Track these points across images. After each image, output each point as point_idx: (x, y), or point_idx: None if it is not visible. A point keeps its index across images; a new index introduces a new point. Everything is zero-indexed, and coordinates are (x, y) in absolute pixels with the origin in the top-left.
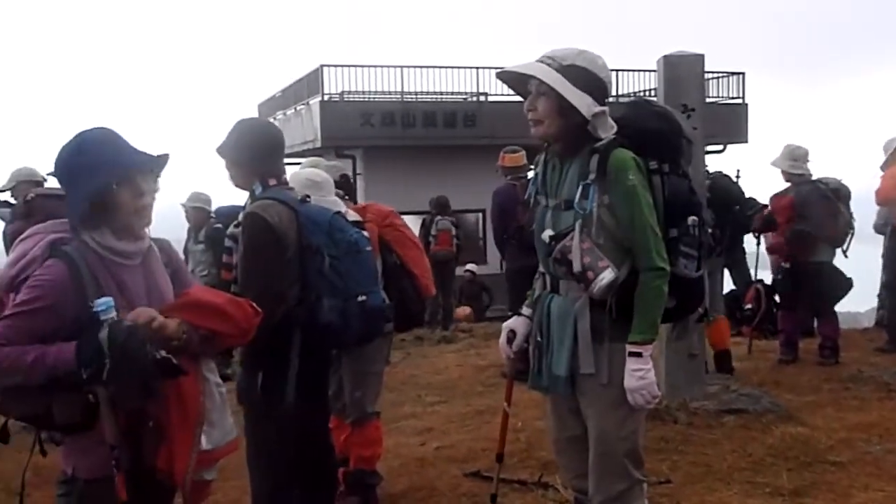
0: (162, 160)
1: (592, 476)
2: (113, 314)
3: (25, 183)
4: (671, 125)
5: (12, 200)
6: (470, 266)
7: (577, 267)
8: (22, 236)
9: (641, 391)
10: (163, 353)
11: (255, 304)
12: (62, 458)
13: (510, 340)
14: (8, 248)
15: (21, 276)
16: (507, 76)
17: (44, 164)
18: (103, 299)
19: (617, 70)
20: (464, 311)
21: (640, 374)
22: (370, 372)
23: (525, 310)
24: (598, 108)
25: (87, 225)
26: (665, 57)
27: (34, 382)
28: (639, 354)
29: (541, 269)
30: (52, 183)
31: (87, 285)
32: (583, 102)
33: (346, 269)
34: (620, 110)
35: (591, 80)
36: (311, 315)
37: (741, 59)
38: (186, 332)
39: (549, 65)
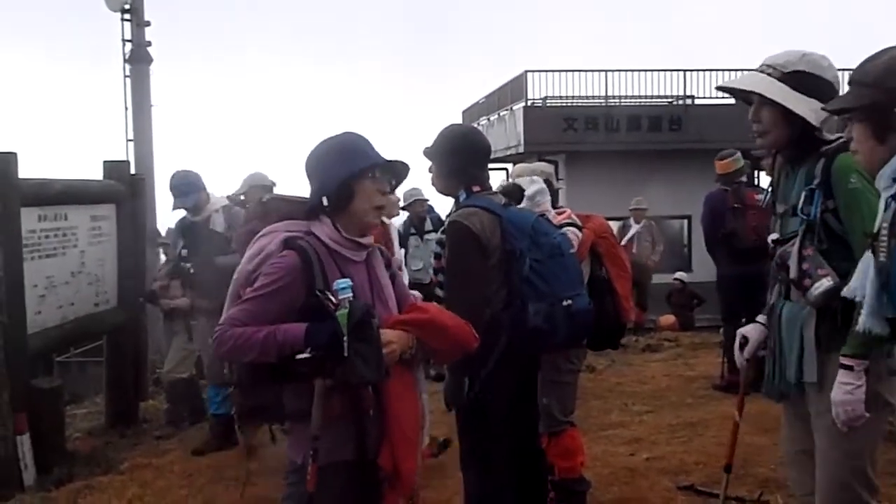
0: (404, 170)
1: (818, 496)
2: (350, 294)
3: (257, 187)
4: None
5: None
6: (679, 274)
7: (793, 273)
8: (259, 234)
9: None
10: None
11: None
12: (290, 448)
13: (742, 347)
14: (243, 246)
15: (257, 270)
16: (728, 90)
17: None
18: (342, 279)
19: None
20: (667, 319)
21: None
22: (558, 381)
23: (761, 316)
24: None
25: (327, 211)
26: None
27: (266, 359)
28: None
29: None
30: (280, 188)
31: (315, 274)
32: (808, 109)
33: (549, 272)
34: None
35: (816, 83)
36: (517, 319)
37: None
38: (413, 347)
39: (769, 74)
